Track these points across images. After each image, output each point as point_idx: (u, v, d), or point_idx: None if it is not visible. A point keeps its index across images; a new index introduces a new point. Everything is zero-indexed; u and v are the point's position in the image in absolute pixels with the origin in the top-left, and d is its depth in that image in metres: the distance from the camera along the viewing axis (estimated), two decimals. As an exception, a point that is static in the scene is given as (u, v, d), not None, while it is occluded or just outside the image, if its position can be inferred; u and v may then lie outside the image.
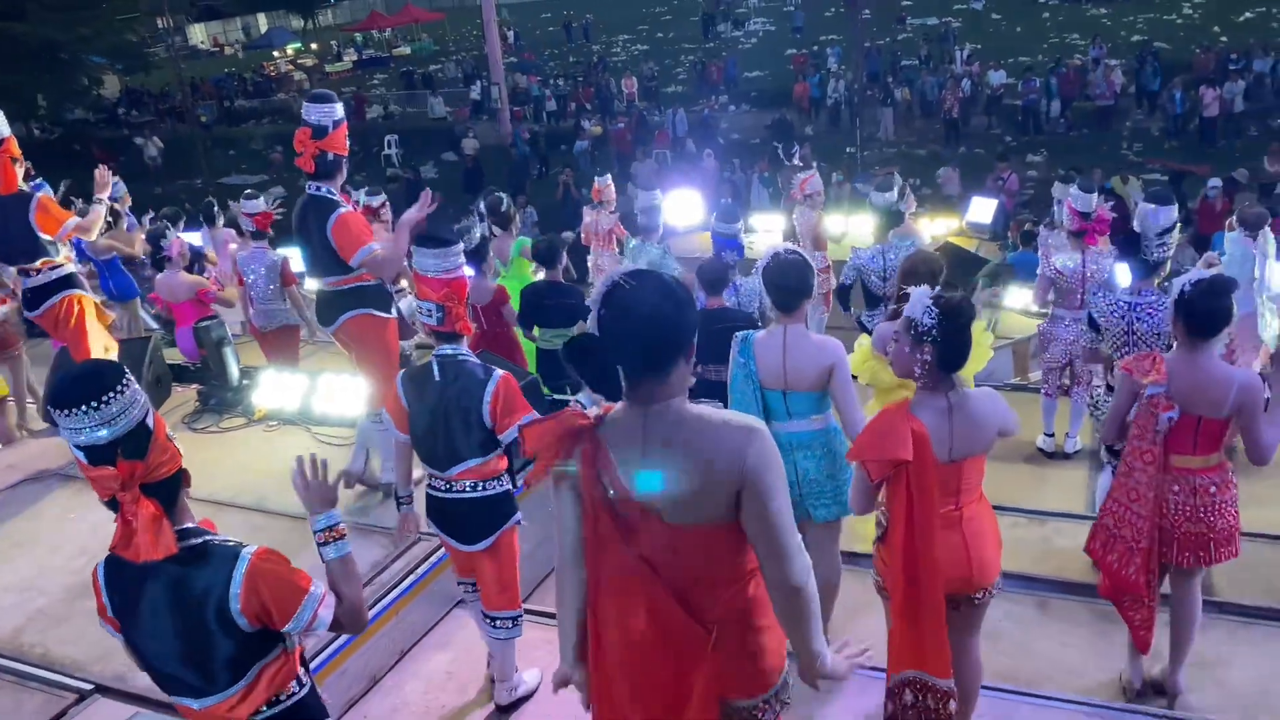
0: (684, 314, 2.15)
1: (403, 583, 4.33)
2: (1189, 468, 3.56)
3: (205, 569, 2.29)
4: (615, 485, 2.21)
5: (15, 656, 4.06)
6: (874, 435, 2.99)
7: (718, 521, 2.18)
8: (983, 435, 3.06)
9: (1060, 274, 5.84)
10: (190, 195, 21.13)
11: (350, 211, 4.63)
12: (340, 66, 41.55)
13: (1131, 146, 20.49)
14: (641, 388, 2.16)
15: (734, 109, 27.14)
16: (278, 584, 2.32)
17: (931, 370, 2.98)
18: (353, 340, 4.85)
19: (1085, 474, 5.88)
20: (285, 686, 2.46)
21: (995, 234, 12.72)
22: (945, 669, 3.05)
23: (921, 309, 2.97)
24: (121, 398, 2.21)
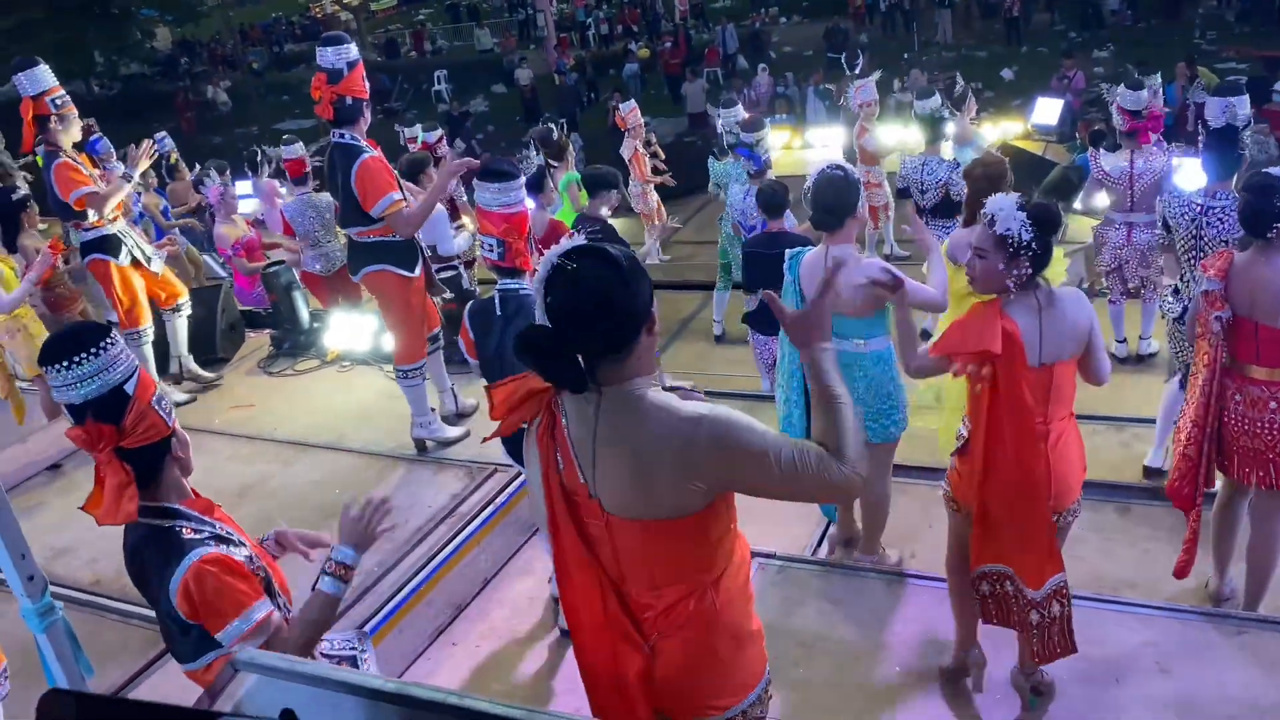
0: (637, 286, 1.97)
1: (482, 513, 4.43)
2: (1251, 377, 3.42)
3: (157, 556, 2.25)
4: (565, 463, 2.10)
5: (119, 596, 4.23)
6: (962, 329, 2.92)
7: (664, 518, 2.02)
8: (1073, 336, 2.95)
9: (1107, 175, 5.69)
10: (248, 143, 21.35)
11: (375, 157, 4.51)
12: (386, 3, 41.22)
13: (1205, 35, 19.54)
14: (606, 370, 2.00)
15: (785, 21, 26.43)
16: (216, 594, 2.21)
17: (1026, 279, 2.88)
18: (375, 293, 4.90)
19: (1162, 378, 5.73)
20: None
21: (1062, 135, 12.27)
22: (1038, 578, 3.01)
23: (1018, 224, 2.82)
24: (95, 360, 2.19)
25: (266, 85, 30.62)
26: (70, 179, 5.26)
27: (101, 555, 4.55)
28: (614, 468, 2.03)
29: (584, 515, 2.12)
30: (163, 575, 2.21)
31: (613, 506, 2.06)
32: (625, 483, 2.03)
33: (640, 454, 1.99)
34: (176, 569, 2.19)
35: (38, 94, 5.14)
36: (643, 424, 2.00)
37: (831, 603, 3.88)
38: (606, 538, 2.10)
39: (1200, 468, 3.51)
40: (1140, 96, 5.54)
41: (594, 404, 2.03)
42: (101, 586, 4.31)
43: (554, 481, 2.13)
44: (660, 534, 2.04)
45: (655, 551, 2.08)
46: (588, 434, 2.05)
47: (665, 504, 2.01)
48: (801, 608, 3.88)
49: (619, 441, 2.01)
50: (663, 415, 1.99)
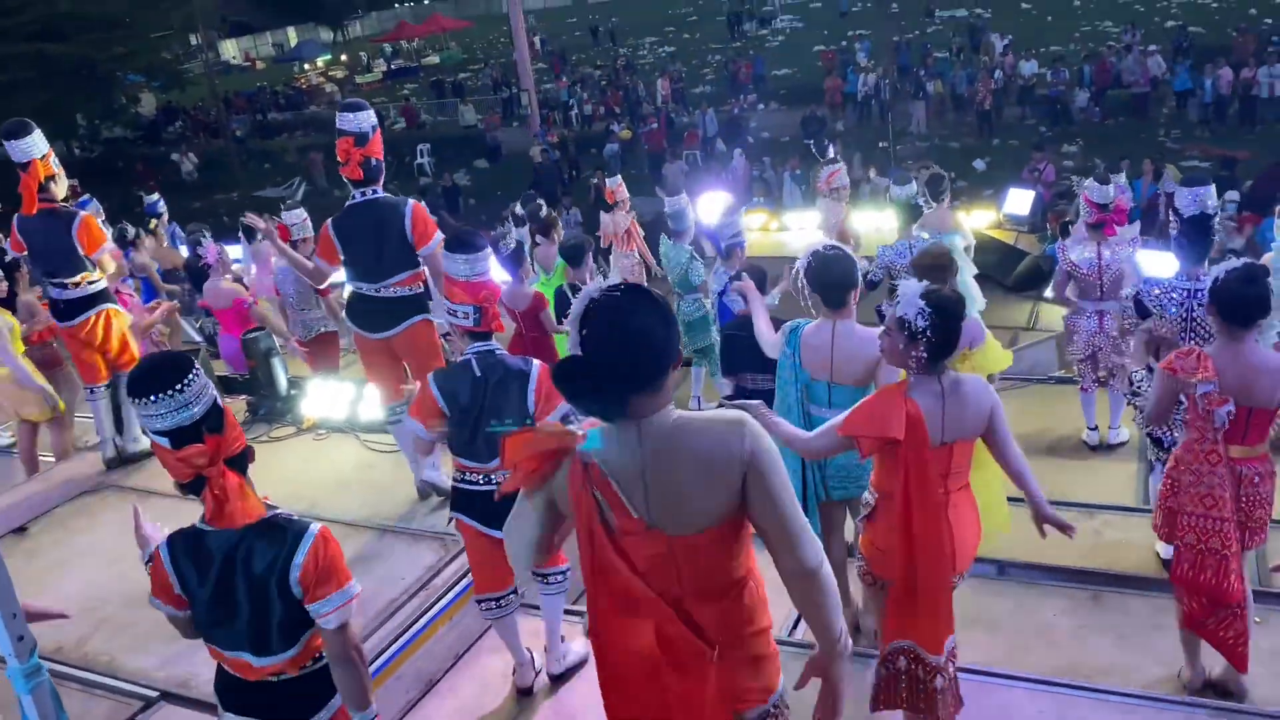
0: (669, 325, 2.13)
1: (456, 586, 4.38)
2: (1236, 458, 3.53)
3: (278, 536, 2.49)
4: (613, 504, 2.17)
5: (82, 665, 4.15)
6: (868, 412, 3.06)
7: (719, 524, 2.16)
8: (974, 418, 3.12)
9: (1076, 267, 5.83)
10: (227, 208, 21.47)
11: (421, 203, 4.80)
12: (370, 77, 41.92)
13: (1169, 134, 20.20)
14: (633, 404, 2.11)
15: (763, 107, 27.08)
16: (334, 560, 2.52)
17: (923, 363, 3.04)
18: (409, 346, 4.92)
19: (1133, 465, 5.83)
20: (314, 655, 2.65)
21: (1033, 225, 12.59)
22: (937, 645, 3.14)
23: (915, 310, 2.99)
24: (199, 379, 2.41)
25: (248, 152, 30.87)
26: (100, 233, 5.54)
27: (64, 622, 4.43)
28: (674, 489, 2.13)
29: (641, 550, 2.19)
30: (282, 549, 2.46)
31: (677, 527, 2.16)
32: (688, 499, 2.13)
33: (698, 465, 2.11)
34: (303, 539, 2.47)
35: (43, 155, 5.28)
36: (694, 440, 2.12)
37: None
38: (671, 562, 2.19)
39: (1241, 558, 3.53)
40: (1107, 190, 5.71)
41: (635, 437, 2.13)
42: (63, 654, 4.21)
43: (597, 529, 2.19)
44: (721, 539, 2.18)
45: (719, 558, 2.20)
46: (634, 468, 2.14)
47: (725, 507, 2.14)
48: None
49: (675, 463, 2.12)
50: (707, 427, 2.15)
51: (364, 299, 4.91)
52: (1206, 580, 3.52)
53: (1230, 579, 3.47)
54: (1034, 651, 4.13)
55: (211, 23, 37.51)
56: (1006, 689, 3.71)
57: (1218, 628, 3.59)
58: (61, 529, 5.39)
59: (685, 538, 2.17)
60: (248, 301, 7.12)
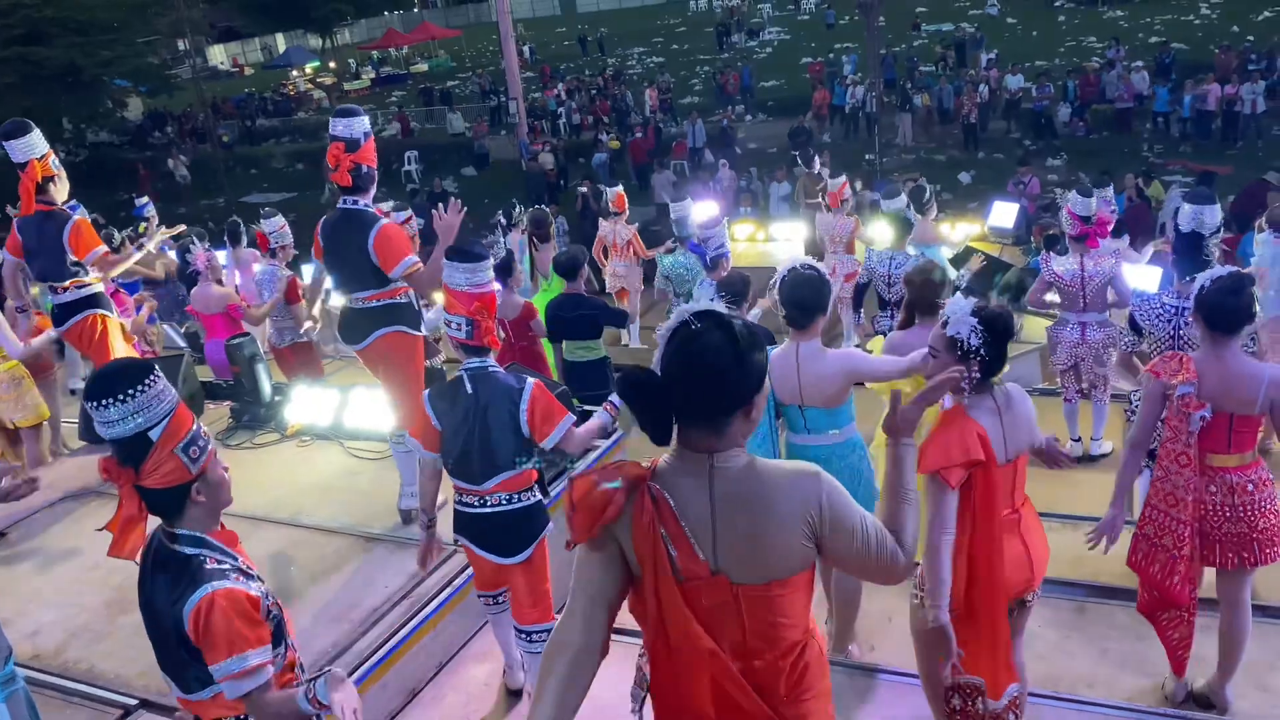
0: (748, 365, 2.02)
1: (439, 595, 4.36)
2: (1224, 466, 3.54)
3: (178, 581, 2.38)
4: (679, 544, 2.05)
5: (59, 673, 4.09)
6: (942, 444, 2.95)
7: (787, 576, 2.08)
8: (1029, 430, 3.09)
9: (1059, 278, 5.87)
10: (214, 214, 21.39)
11: (392, 224, 4.64)
12: (358, 84, 41.88)
13: (1152, 148, 20.37)
14: (696, 437, 2.05)
15: (750, 119, 27.18)
16: (221, 628, 2.32)
17: (976, 382, 2.99)
18: (382, 358, 4.78)
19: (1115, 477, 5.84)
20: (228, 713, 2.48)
21: (1018, 238, 12.65)
22: (995, 687, 3.06)
23: (968, 329, 2.94)
24: (122, 406, 2.33)
25: (235, 158, 30.78)
26: (92, 238, 5.44)
27: (42, 629, 4.41)
28: (742, 534, 2.05)
29: (704, 597, 2.07)
30: (180, 600, 2.34)
31: (742, 575, 2.06)
32: (755, 546, 2.05)
33: (770, 514, 2.04)
34: (192, 595, 2.32)
35: (41, 155, 5.25)
36: (767, 485, 2.06)
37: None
38: (734, 612, 2.08)
39: (1194, 565, 3.56)
40: (1089, 203, 5.77)
41: (705, 476, 2.06)
42: (40, 661, 4.16)
43: (665, 574, 2.06)
44: (789, 591, 2.10)
45: (783, 610, 2.11)
46: (704, 509, 2.05)
47: (794, 560, 2.07)
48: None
49: (747, 507, 2.04)
50: (783, 473, 2.09)
51: (345, 308, 4.84)
52: (1154, 574, 3.60)
53: (1174, 580, 3.52)
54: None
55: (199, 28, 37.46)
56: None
57: (1167, 625, 3.66)
58: (41, 535, 5.34)
59: (751, 587, 2.07)
60: (240, 306, 7.09)
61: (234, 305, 7.01)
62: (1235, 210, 12.44)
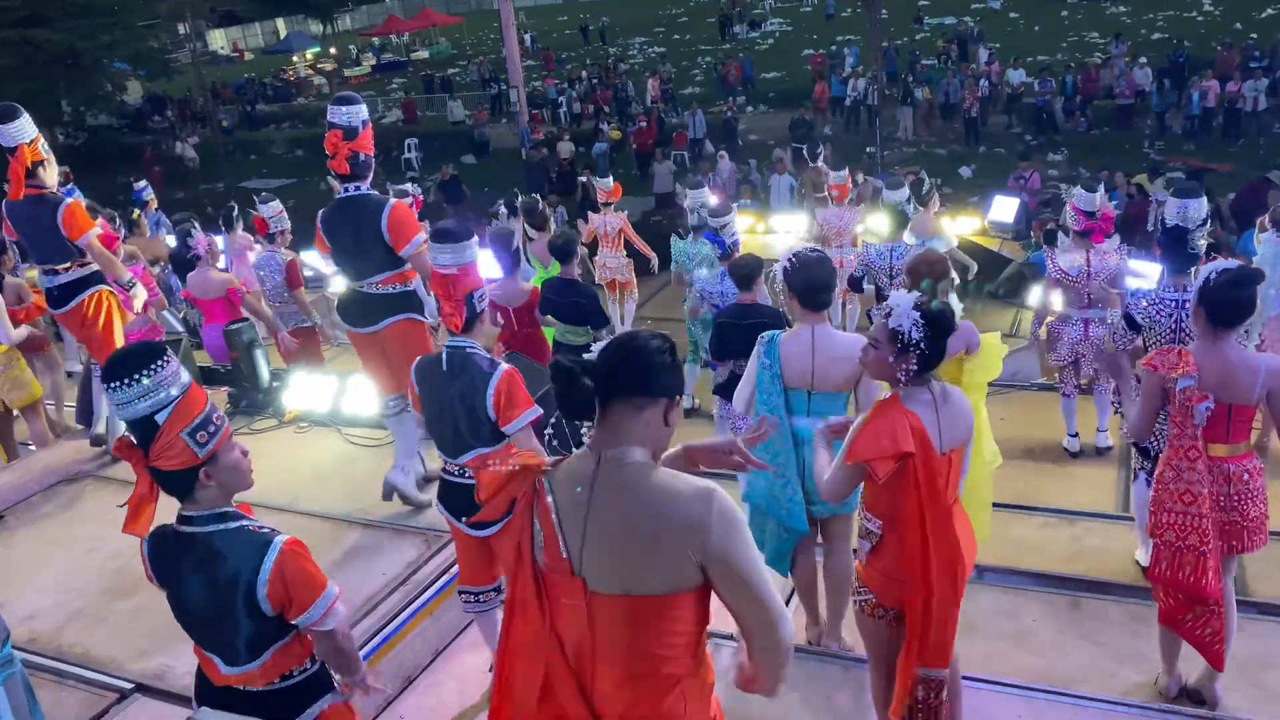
0: (673, 364, 2.10)
1: (437, 582, 4.37)
2: (1221, 456, 3.56)
3: (237, 552, 2.46)
4: (547, 538, 2.06)
5: (56, 656, 4.11)
6: (872, 434, 2.97)
7: (650, 594, 1.99)
8: (964, 425, 3.11)
9: (1065, 274, 5.86)
10: (213, 199, 21.35)
11: (402, 203, 4.69)
12: (359, 71, 41.70)
13: (1154, 145, 20.35)
14: (608, 426, 2.05)
15: (752, 110, 27.12)
16: (301, 575, 2.50)
17: (912, 375, 3.00)
18: (392, 344, 4.83)
19: (1114, 472, 5.86)
20: (300, 663, 2.66)
21: (1018, 233, 12.67)
22: (945, 660, 3.11)
23: (909, 322, 2.94)
24: (129, 390, 2.38)
25: (235, 143, 30.69)
26: (85, 220, 5.41)
27: (39, 612, 4.42)
28: (609, 539, 2.00)
29: (558, 595, 2.06)
30: (245, 566, 2.44)
31: (600, 583, 2.01)
32: (620, 554, 1.99)
33: (642, 522, 1.97)
34: (267, 555, 2.44)
35: (30, 140, 5.21)
36: (646, 492, 1.99)
37: (788, 686, 3.85)
38: (584, 620, 2.03)
39: (1219, 555, 3.53)
40: (1093, 198, 5.77)
41: (590, 472, 2.03)
42: (38, 645, 4.17)
43: (526, 558, 2.07)
44: (647, 613, 2.00)
45: (638, 634, 2.01)
46: (581, 505, 2.02)
47: (660, 578, 1.97)
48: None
49: (618, 510, 1.99)
50: (669, 483, 2.01)
51: (351, 293, 4.88)
52: (1184, 578, 3.53)
53: (1208, 575, 3.48)
54: (1012, 657, 4.16)
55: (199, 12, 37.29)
56: (983, 694, 3.72)
57: (1194, 625, 3.61)
58: (38, 518, 5.34)
59: (606, 597, 2.00)
60: (240, 291, 7.08)
61: (233, 290, 7.00)
62: (1236, 207, 12.47)
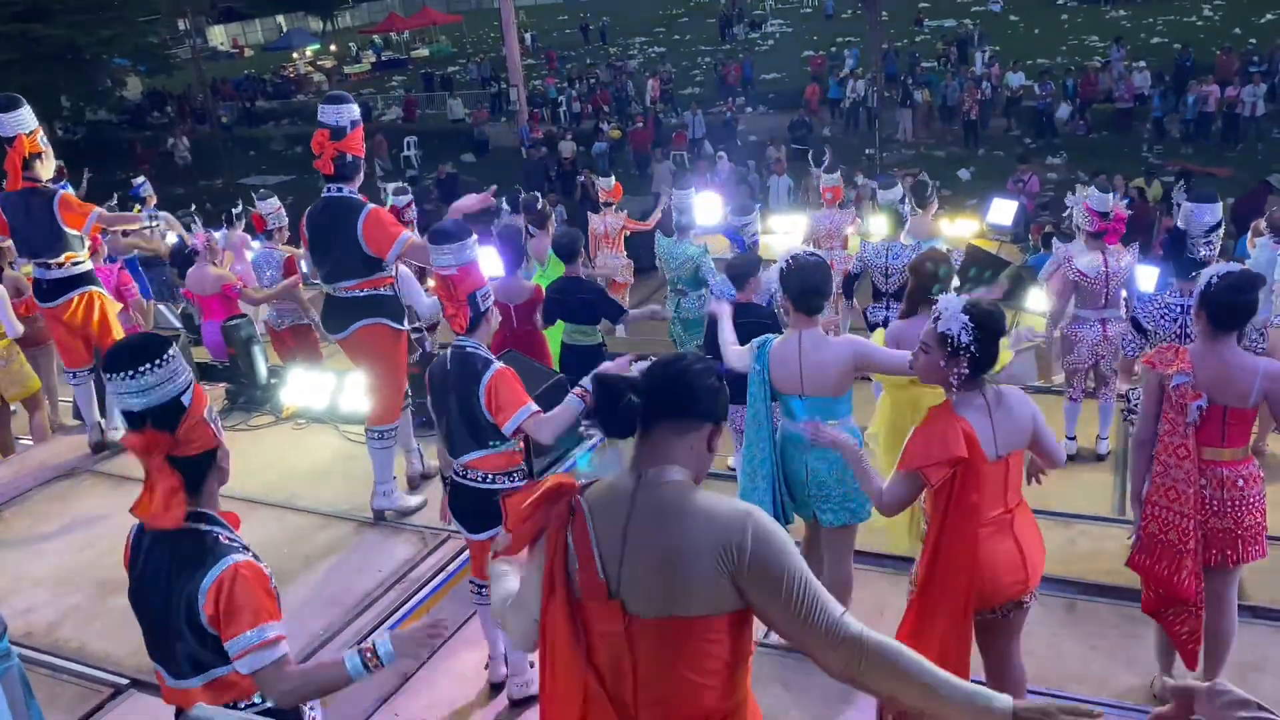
0: (719, 389, 2.09)
1: (433, 580, 4.37)
2: (1218, 460, 3.54)
3: (191, 557, 2.33)
4: (582, 561, 1.99)
5: (51, 650, 4.11)
6: (926, 440, 2.96)
7: (691, 615, 1.93)
8: (1022, 428, 3.09)
9: (1084, 276, 5.83)
10: (212, 195, 21.32)
11: (379, 207, 4.62)
12: (359, 68, 41.70)
13: (1152, 149, 20.38)
14: (649, 445, 2.04)
15: (751, 110, 27.12)
16: (244, 599, 2.29)
17: (964, 379, 3.00)
18: (362, 350, 4.77)
19: (1111, 476, 5.86)
20: (247, 697, 2.45)
21: (1016, 236, 12.65)
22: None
23: (959, 325, 2.94)
24: (159, 371, 2.30)
25: (234, 139, 30.68)
26: (82, 205, 5.43)
27: (35, 606, 4.42)
28: (648, 559, 1.95)
29: (594, 621, 2.00)
30: (194, 575, 2.30)
31: (638, 605, 1.95)
32: (658, 575, 1.94)
33: (681, 542, 1.93)
34: (212, 569, 2.29)
35: (30, 131, 5.22)
36: (685, 513, 1.96)
37: (784, 687, 3.86)
38: (624, 647, 1.97)
39: (1198, 558, 3.54)
40: (1107, 199, 5.75)
41: (629, 492, 2.01)
42: (32, 639, 4.17)
43: (559, 584, 2.02)
44: (688, 635, 1.93)
45: (677, 658, 1.95)
46: (618, 526, 1.99)
47: (698, 599, 1.92)
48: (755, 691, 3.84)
49: (657, 531, 1.96)
50: (707, 504, 1.98)
51: (326, 298, 4.82)
52: (1160, 571, 3.56)
53: (1182, 575, 3.49)
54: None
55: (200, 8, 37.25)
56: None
57: (1174, 620, 3.63)
58: (34, 513, 5.34)
59: (645, 621, 1.94)
60: (237, 286, 7.07)
61: (229, 285, 6.99)
62: (1237, 213, 12.46)
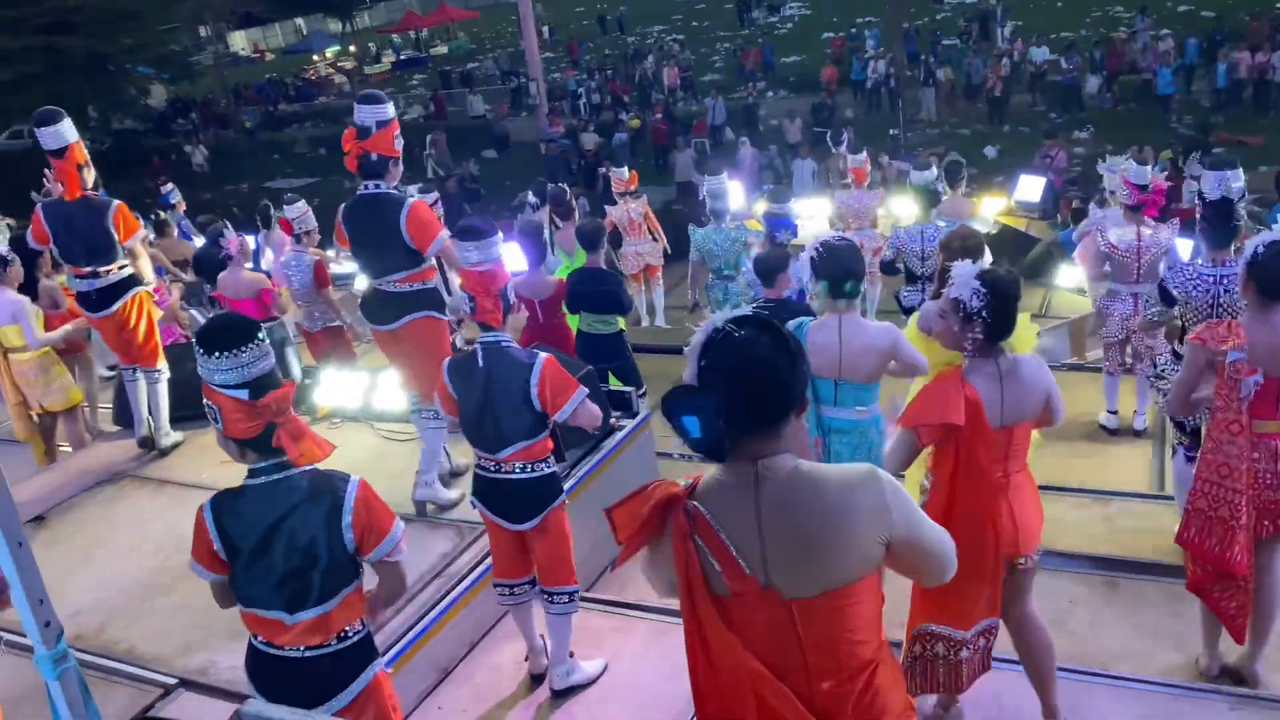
0: (797, 364, 1.95)
1: (471, 574, 4.39)
2: (1268, 433, 3.49)
3: (321, 486, 2.65)
4: (722, 560, 1.94)
5: (101, 652, 4.17)
6: (926, 400, 3.05)
7: (847, 585, 1.95)
8: (1033, 400, 3.11)
9: (1115, 248, 5.79)
10: (237, 200, 21.52)
11: (421, 201, 4.66)
12: (379, 68, 41.89)
13: (1181, 119, 20.07)
14: (748, 444, 1.94)
15: (772, 95, 26.99)
16: (382, 504, 2.73)
17: (980, 344, 3.02)
18: (411, 341, 4.83)
19: (1150, 452, 5.81)
20: (353, 621, 2.78)
21: (1045, 212, 12.54)
22: (966, 623, 3.15)
23: (970, 290, 2.98)
24: (258, 346, 2.61)
25: (258, 144, 30.93)
26: (135, 221, 5.59)
27: (84, 609, 4.49)
28: (798, 544, 1.93)
29: (753, 611, 1.96)
30: (333, 500, 2.63)
31: (796, 589, 1.94)
32: (813, 555, 1.93)
33: (831, 519, 1.92)
34: (346, 491, 2.65)
35: (78, 140, 5.36)
36: (821, 493, 1.93)
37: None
38: (790, 629, 1.96)
39: (1251, 532, 3.51)
40: (1145, 171, 5.70)
41: (750, 484, 1.94)
42: (82, 641, 4.22)
43: (699, 589, 1.97)
44: (847, 600, 1.96)
45: (846, 624, 1.97)
46: (750, 519, 1.94)
47: (849, 568, 1.94)
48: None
49: (801, 518, 1.93)
50: (836, 477, 1.97)
51: (372, 291, 4.88)
52: (1210, 548, 3.52)
53: (1235, 550, 3.45)
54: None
55: (220, 14, 37.57)
56: (1018, 674, 3.70)
57: (1221, 596, 3.60)
58: (79, 518, 5.42)
59: (807, 600, 1.94)
60: (273, 291, 7.13)
61: (266, 290, 7.05)
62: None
